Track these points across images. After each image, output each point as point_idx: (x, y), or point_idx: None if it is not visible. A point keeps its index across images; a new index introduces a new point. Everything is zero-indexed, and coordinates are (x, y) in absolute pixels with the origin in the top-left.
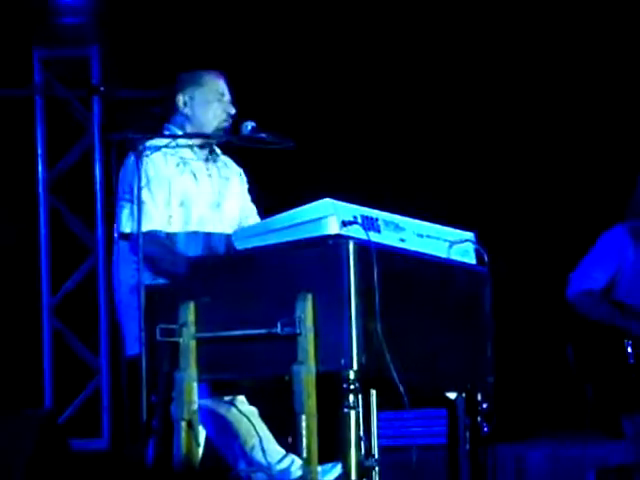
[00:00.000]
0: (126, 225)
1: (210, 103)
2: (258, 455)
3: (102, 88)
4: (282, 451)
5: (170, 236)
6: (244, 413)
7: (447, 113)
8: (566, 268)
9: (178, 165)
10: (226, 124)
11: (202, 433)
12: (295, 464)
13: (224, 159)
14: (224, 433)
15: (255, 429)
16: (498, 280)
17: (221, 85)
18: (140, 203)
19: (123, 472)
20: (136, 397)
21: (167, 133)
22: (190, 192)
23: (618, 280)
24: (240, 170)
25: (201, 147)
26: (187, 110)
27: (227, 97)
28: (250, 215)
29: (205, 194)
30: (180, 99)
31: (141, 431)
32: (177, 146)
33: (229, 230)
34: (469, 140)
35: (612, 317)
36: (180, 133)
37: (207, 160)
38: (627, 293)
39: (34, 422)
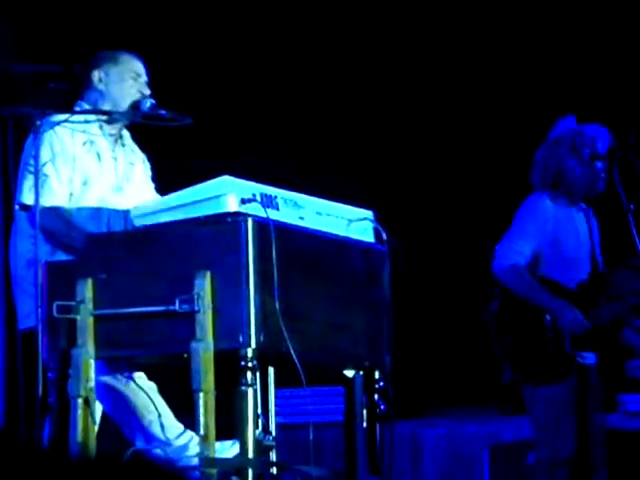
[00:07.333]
0: (27, 196)
1: (125, 81)
2: (156, 430)
3: None
4: (181, 427)
5: (70, 211)
6: (142, 388)
7: (347, 89)
8: (467, 245)
9: (84, 144)
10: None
11: (99, 410)
12: (194, 440)
13: (131, 144)
14: (122, 408)
15: (154, 404)
16: (396, 258)
17: (138, 65)
18: (39, 179)
19: (18, 450)
20: (32, 374)
21: (78, 109)
22: (93, 172)
23: (541, 253)
24: (144, 156)
25: (110, 124)
26: (101, 86)
27: (143, 78)
28: None
29: (108, 176)
30: (95, 75)
31: (37, 409)
32: (85, 122)
33: None
34: (369, 118)
35: (535, 294)
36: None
37: (115, 142)
38: (549, 267)
39: None
